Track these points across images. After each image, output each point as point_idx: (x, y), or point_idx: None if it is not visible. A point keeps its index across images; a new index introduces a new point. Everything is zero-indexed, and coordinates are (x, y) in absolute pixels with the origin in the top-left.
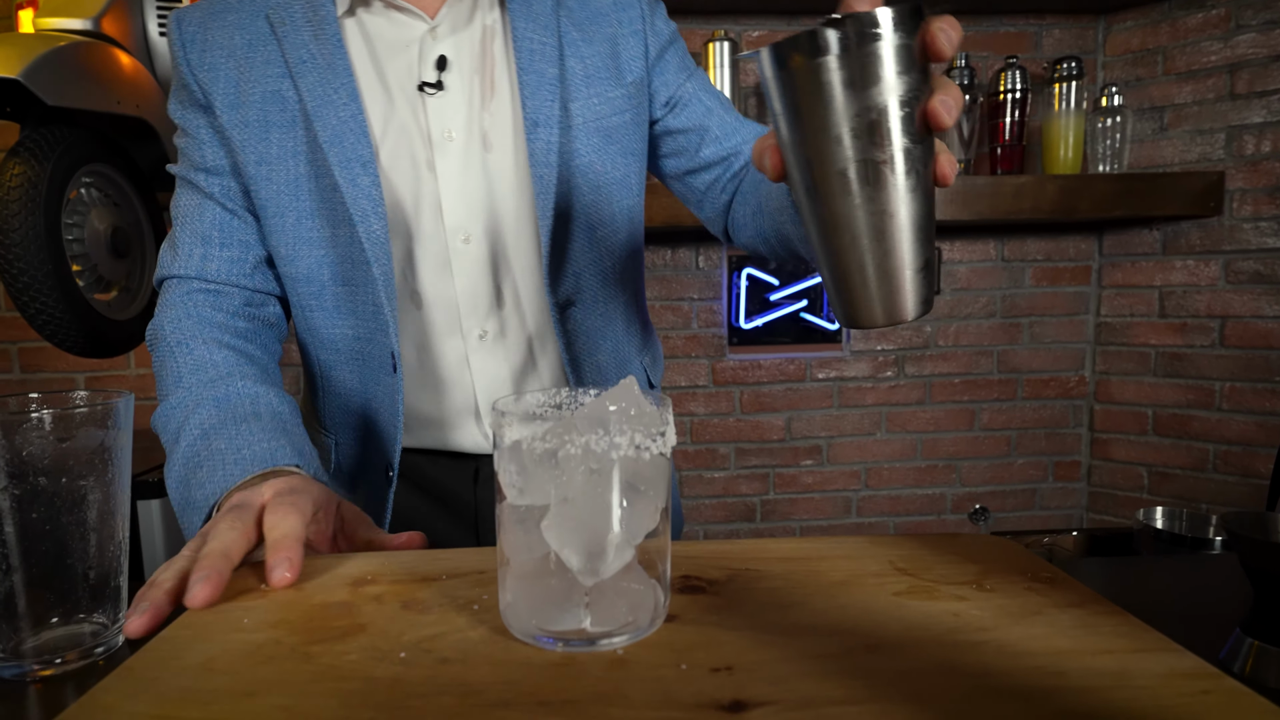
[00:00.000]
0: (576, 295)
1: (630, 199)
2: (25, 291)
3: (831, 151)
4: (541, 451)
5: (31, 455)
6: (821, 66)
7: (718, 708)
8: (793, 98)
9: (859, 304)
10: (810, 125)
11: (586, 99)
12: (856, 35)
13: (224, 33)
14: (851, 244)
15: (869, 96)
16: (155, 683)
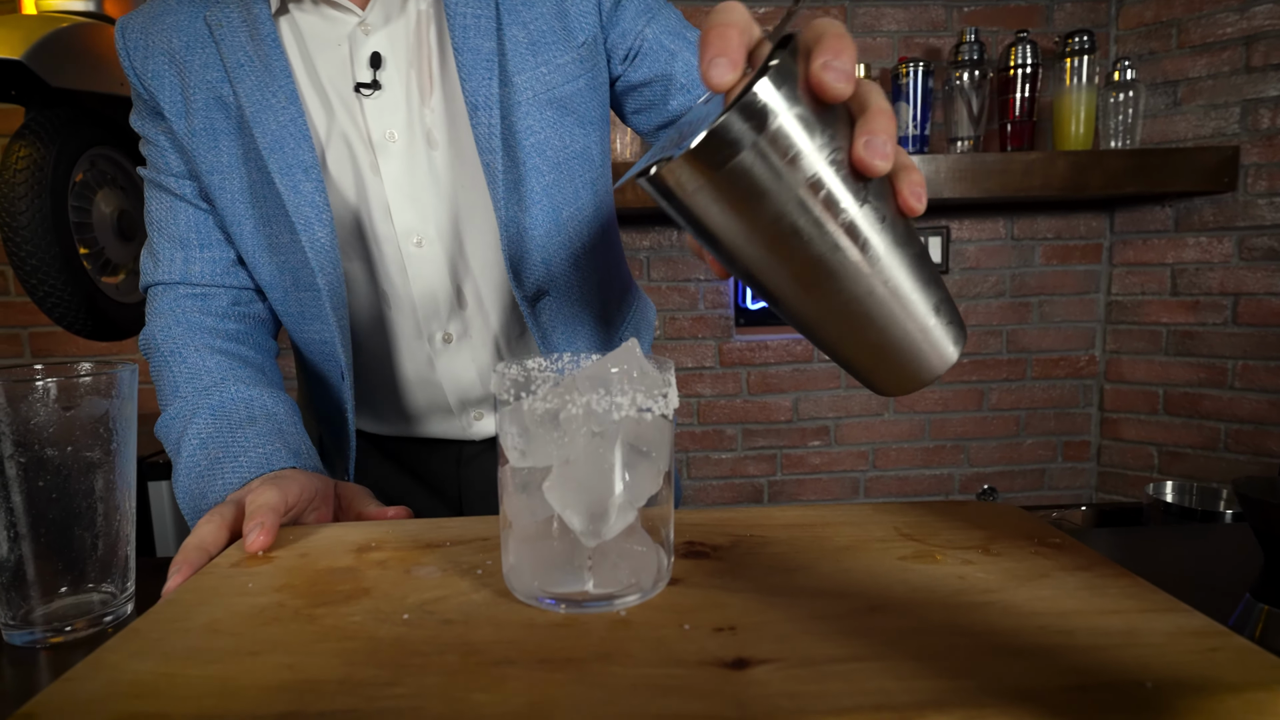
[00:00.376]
0: (548, 284)
1: (593, 171)
2: (34, 275)
3: (775, 257)
4: (543, 413)
5: (37, 424)
6: (718, 181)
7: (720, 665)
8: (698, 219)
9: (883, 380)
10: (733, 240)
11: (534, 69)
12: (745, 127)
13: (164, 36)
14: (846, 335)
15: (787, 187)
16: (161, 643)
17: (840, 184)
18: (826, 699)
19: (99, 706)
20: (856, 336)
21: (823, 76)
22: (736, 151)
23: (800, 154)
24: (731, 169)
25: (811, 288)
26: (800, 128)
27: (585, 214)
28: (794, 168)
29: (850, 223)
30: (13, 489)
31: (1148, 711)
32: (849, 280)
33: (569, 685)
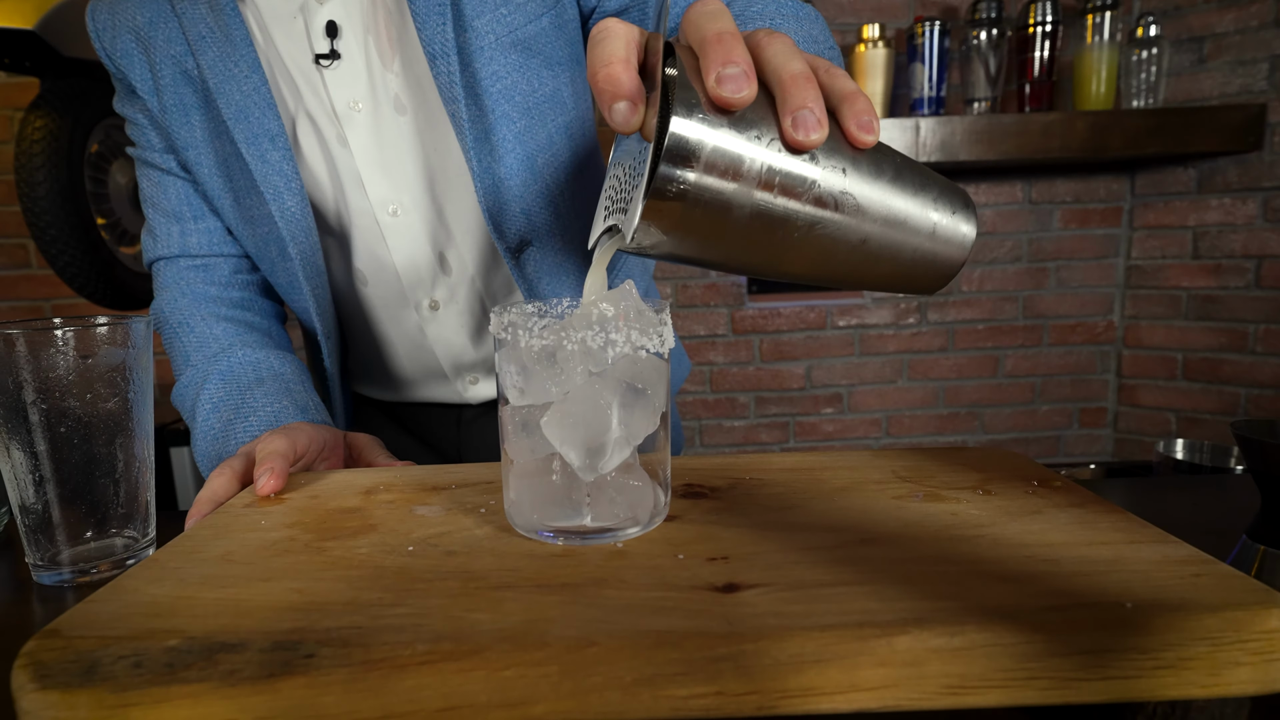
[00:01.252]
0: (530, 234)
1: (566, 115)
2: (54, 245)
3: (761, 252)
4: (539, 349)
5: (57, 374)
6: (679, 224)
7: (711, 589)
8: (679, 255)
9: (913, 290)
10: (720, 255)
11: (493, 11)
12: (676, 173)
13: (129, 14)
14: (859, 276)
15: (743, 197)
16: (178, 571)
17: (790, 165)
18: (812, 617)
19: (118, 623)
20: (869, 272)
21: (720, 94)
22: (681, 196)
23: (740, 162)
24: (685, 211)
25: (809, 259)
26: (727, 141)
27: (562, 159)
28: (741, 178)
29: (817, 194)
30: (37, 436)
31: (1125, 629)
32: (841, 239)
33: (565, 606)
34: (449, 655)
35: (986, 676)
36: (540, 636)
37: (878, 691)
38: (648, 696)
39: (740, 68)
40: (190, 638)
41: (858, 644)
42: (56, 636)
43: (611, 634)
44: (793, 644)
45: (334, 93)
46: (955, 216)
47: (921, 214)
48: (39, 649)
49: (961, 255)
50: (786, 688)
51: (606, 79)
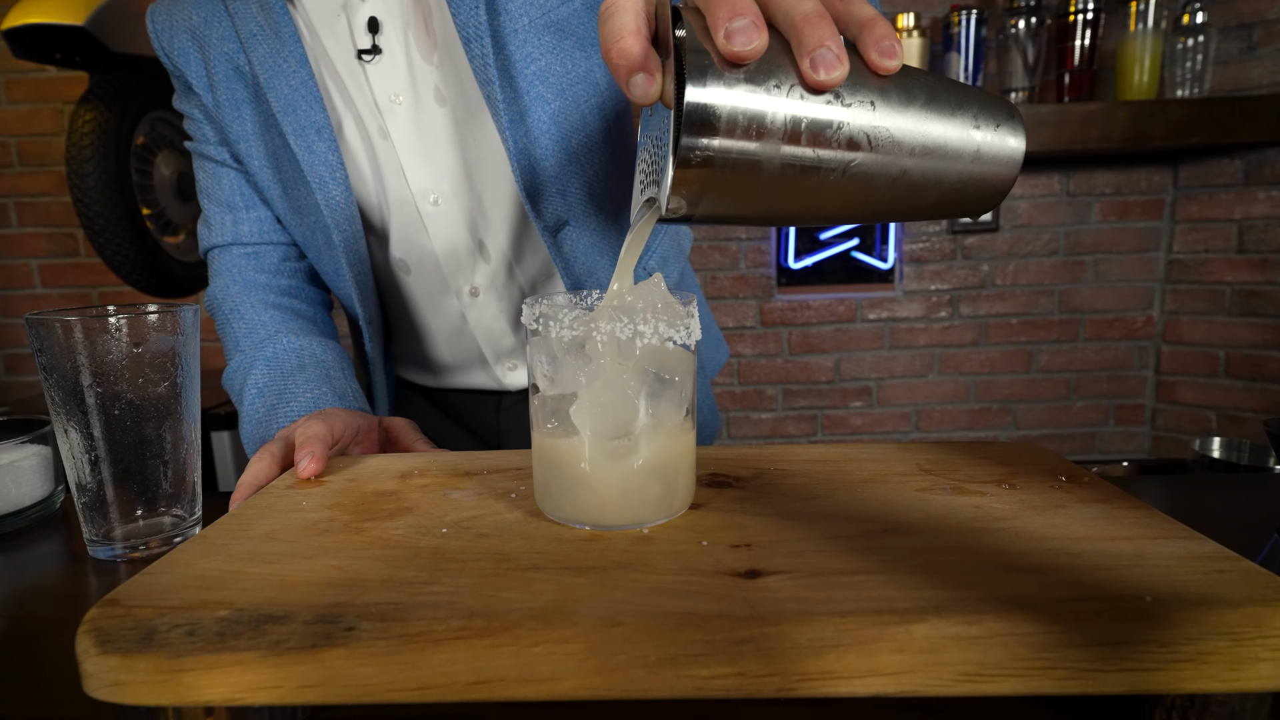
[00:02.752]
0: (567, 214)
1: (600, 95)
2: (101, 234)
3: (800, 202)
4: (569, 340)
5: (111, 359)
6: (712, 186)
7: (734, 574)
8: (719, 215)
9: (965, 212)
10: (758, 211)
11: None
12: (700, 141)
13: (185, 14)
14: (905, 208)
15: (772, 151)
16: (226, 547)
17: (815, 111)
18: (831, 603)
19: (172, 594)
20: (913, 204)
21: (731, 49)
22: (708, 161)
23: (762, 117)
24: (715, 175)
25: (848, 200)
26: (745, 99)
27: (596, 139)
28: (766, 133)
29: (848, 135)
30: (92, 419)
31: (1143, 622)
32: (879, 175)
33: (591, 587)
34: (481, 631)
35: (1003, 665)
36: (568, 616)
37: (895, 677)
38: (671, 676)
39: (748, 18)
40: (239, 609)
41: (876, 630)
42: (116, 605)
43: (637, 615)
44: (812, 628)
45: (376, 86)
46: (1000, 131)
47: (963, 136)
48: (100, 617)
49: (1012, 173)
50: (806, 671)
51: (619, 54)
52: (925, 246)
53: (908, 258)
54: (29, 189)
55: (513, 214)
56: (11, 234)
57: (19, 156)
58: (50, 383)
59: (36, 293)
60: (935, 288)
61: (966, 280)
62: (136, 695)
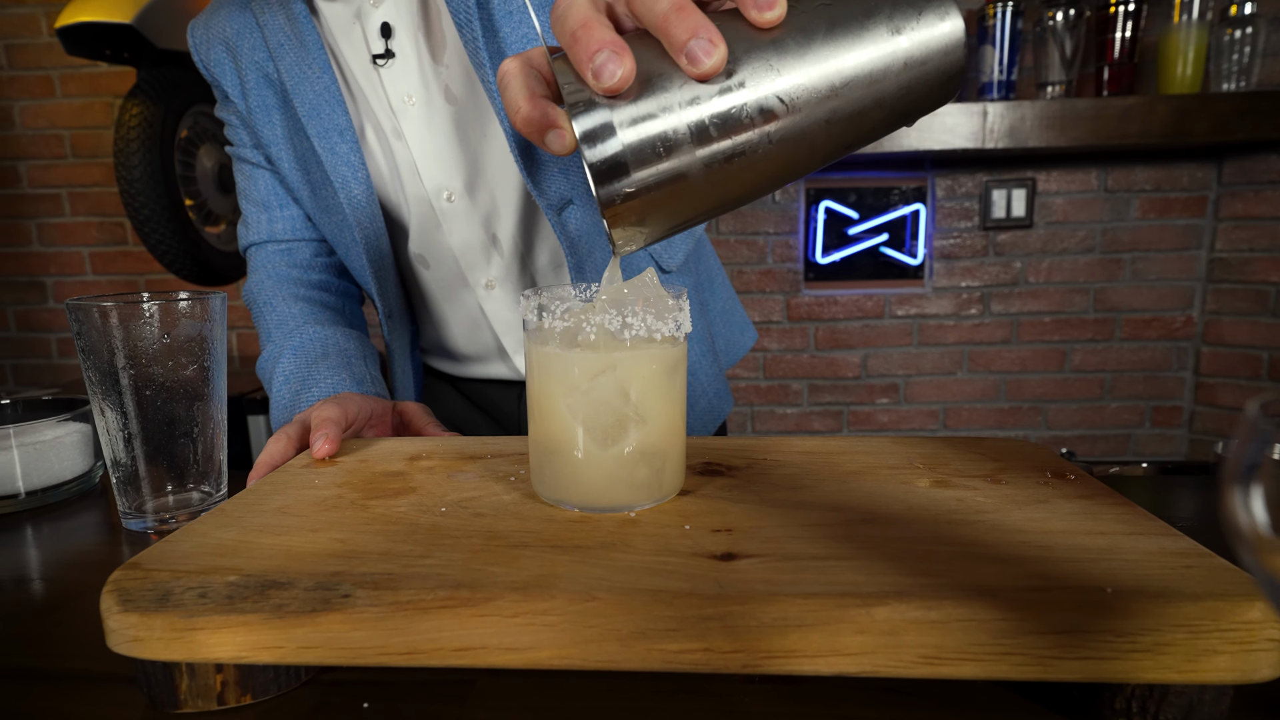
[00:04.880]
0: (570, 192)
1: None
2: (146, 224)
3: (742, 186)
4: (561, 331)
5: (144, 343)
6: (650, 206)
7: (710, 557)
8: (674, 226)
9: (918, 114)
10: (705, 208)
11: None
12: (613, 183)
13: (220, 27)
14: (854, 141)
15: (687, 158)
16: (240, 519)
17: (714, 105)
18: (799, 586)
19: (189, 560)
20: (864, 130)
21: (601, 86)
22: (632, 196)
23: (665, 136)
24: (646, 203)
25: (792, 160)
26: (639, 126)
27: None
28: (676, 148)
29: (757, 110)
30: (126, 399)
31: (1101, 612)
32: (809, 129)
33: (573, 565)
34: (465, 602)
35: (963, 649)
36: (547, 590)
37: (857, 657)
38: (642, 649)
39: (605, 50)
40: (247, 575)
41: (839, 612)
42: (137, 568)
43: (611, 590)
44: (777, 608)
45: (390, 89)
46: (924, 21)
47: (883, 50)
48: (123, 578)
49: (956, 58)
50: (770, 649)
51: (523, 124)
52: (956, 243)
53: (938, 254)
54: (81, 179)
55: (523, 206)
56: (65, 223)
57: (72, 148)
58: (88, 364)
59: (87, 279)
60: (966, 284)
61: (998, 277)
62: (153, 650)
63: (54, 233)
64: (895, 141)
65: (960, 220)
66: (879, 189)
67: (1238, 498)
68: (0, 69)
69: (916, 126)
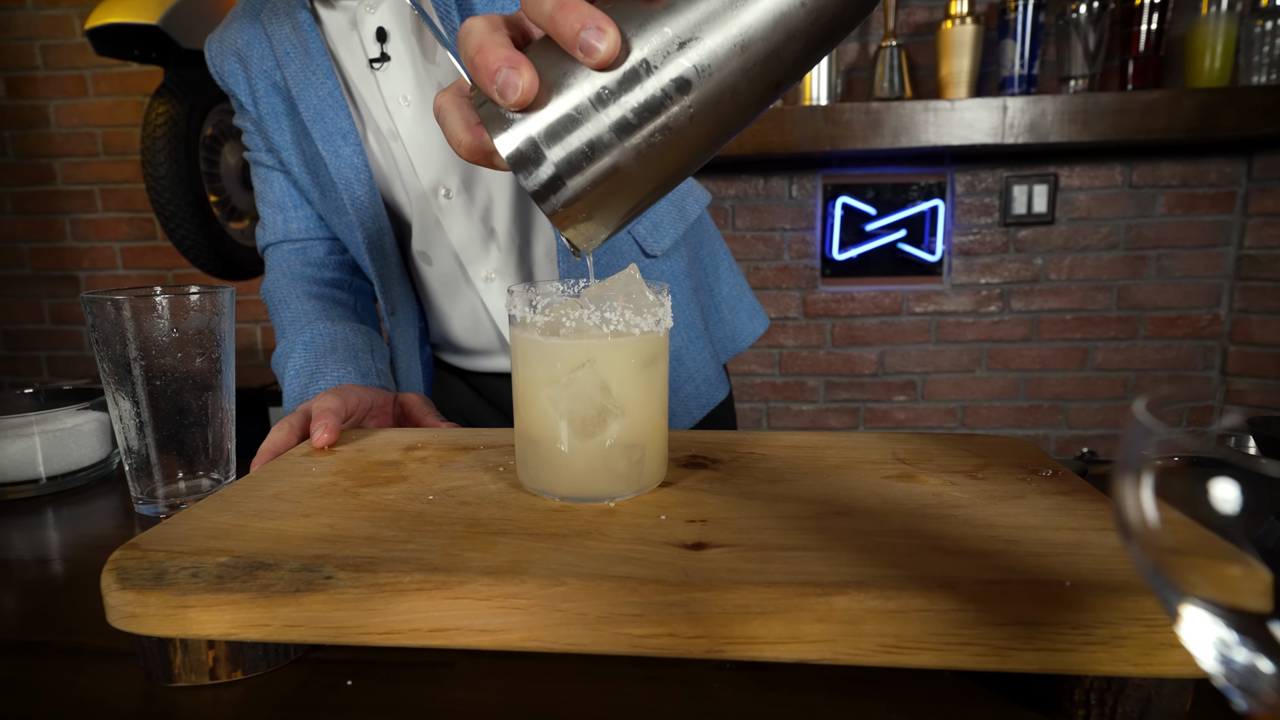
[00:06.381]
0: None
1: None
2: (172, 220)
3: (680, 160)
4: (543, 325)
5: (155, 335)
6: (594, 199)
7: (681, 546)
8: (627, 210)
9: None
10: (656, 185)
11: None
12: (537, 175)
13: (232, 38)
14: (780, 89)
15: (614, 140)
16: (237, 505)
17: (629, 94)
18: (762, 575)
19: (184, 541)
20: (787, 65)
21: (508, 103)
22: (572, 200)
23: (587, 137)
24: (590, 202)
25: (725, 118)
26: (560, 133)
27: None
28: (603, 145)
29: (671, 87)
30: (138, 389)
31: (1058, 605)
32: (731, 87)
33: (548, 552)
34: (440, 585)
35: (921, 639)
36: (519, 575)
37: (817, 645)
38: (609, 633)
39: (503, 69)
40: (237, 556)
41: (799, 600)
42: (136, 549)
43: (579, 576)
44: (739, 596)
45: (386, 91)
46: None
47: None
48: (122, 558)
49: None
50: (732, 635)
51: (468, 153)
52: (975, 239)
53: (957, 250)
54: (112, 176)
55: (517, 198)
56: (97, 218)
57: (104, 146)
58: (103, 356)
59: (118, 273)
60: (985, 281)
61: (1019, 274)
62: (149, 626)
63: (86, 228)
64: (913, 137)
65: (980, 216)
66: (897, 185)
67: (1127, 492)
68: (36, 69)
69: (935, 122)
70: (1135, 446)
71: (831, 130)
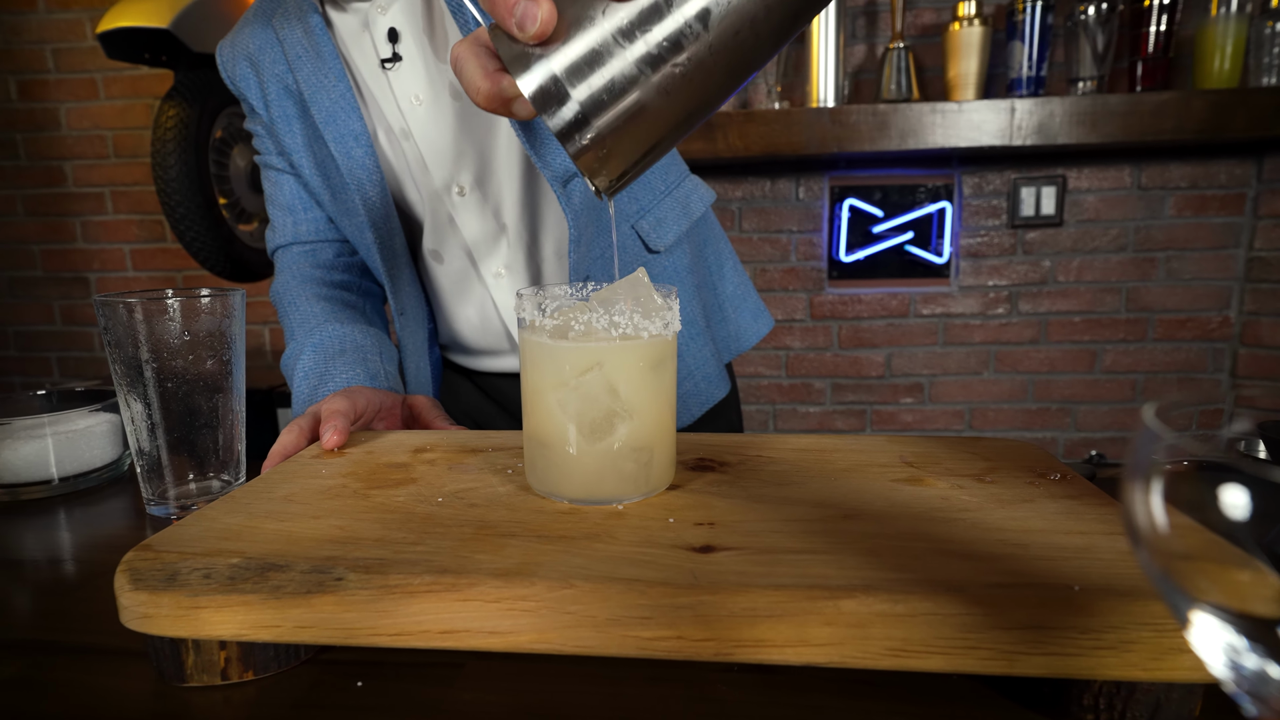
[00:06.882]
0: (573, 166)
1: None
2: (182, 222)
3: (704, 95)
4: (551, 328)
5: (167, 337)
6: (613, 133)
7: (689, 548)
8: (654, 145)
9: None
10: (663, 132)
11: None
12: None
13: (243, 43)
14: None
15: (644, 74)
16: (248, 506)
17: (651, 25)
18: (770, 578)
19: (196, 543)
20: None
21: (528, 35)
22: (598, 141)
23: (613, 73)
24: (616, 138)
25: (745, 56)
26: (580, 65)
27: None
28: (625, 80)
29: (691, 14)
30: (150, 391)
31: (1066, 609)
32: (748, 15)
33: (556, 554)
34: (450, 587)
35: (928, 643)
36: (528, 577)
37: (825, 648)
38: (617, 635)
39: (520, 1)
40: (249, 558)
41: (808, 603)
42: (149, 550)
43: (588, 579)
44: (747, 599)
45: (398, 91)
46: None
47: None
48: (135, 559)
49: None
50: (740, 638)
51: (486, 101)
52: (983, 241)
53: (964, 252)
54: (123, 179)
55: (528, 194)
56: (107, 220)
57: (114, 148)
58: (115, 358)
59: (128, 275)
60: (993, 283)
61: (1027, 276)
62: (161, 627)
63: (97, 230)
64: (921, 139)
65: (988, 218)
66: (904, 187)
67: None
68: (47, 72)
69: (943, 124)
70: (1144, 452)
71: (838, 132)
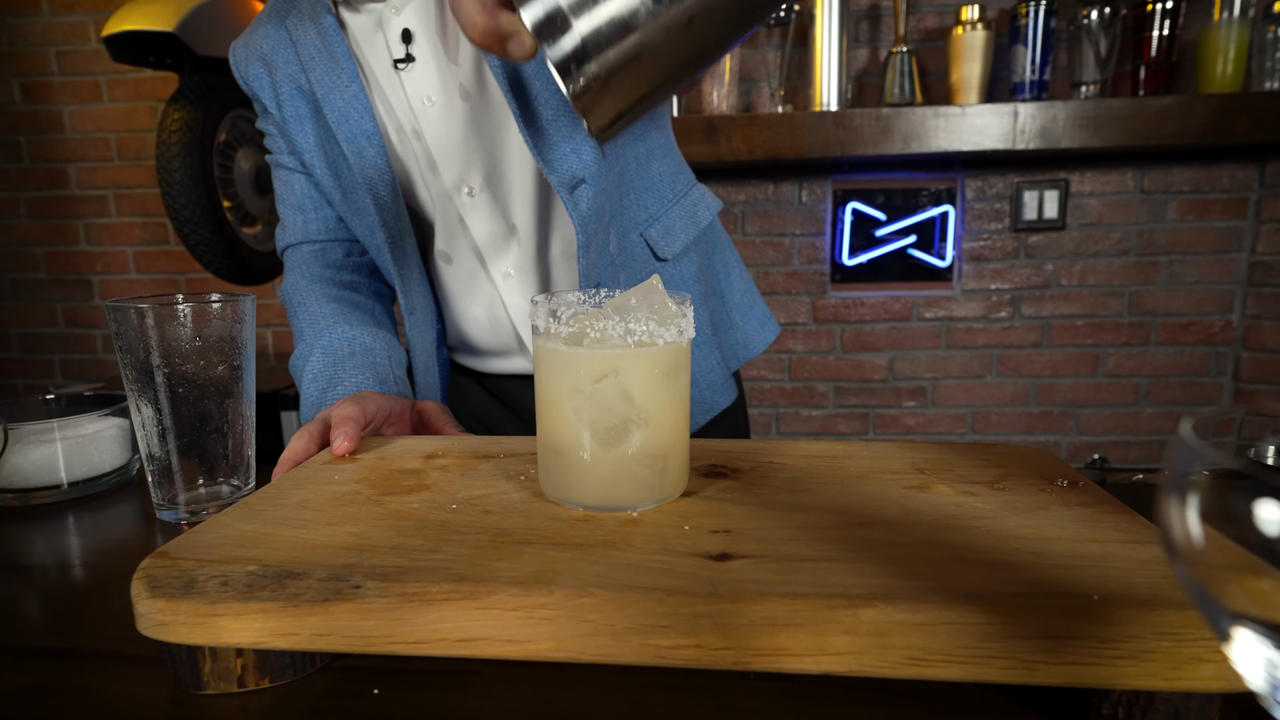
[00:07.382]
0: (581, 170)
1: None
2: (186, 225)
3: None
4: (567, 335)
5: (178, 343)
6: (619, 79)
7: (706, 556)
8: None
9: None
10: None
11: None
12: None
13: (257, 44)
14: None
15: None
16: (263, 512)
17: None
18: (789, 586)
19: (212, 550)
20: None
21: None
22: (596, 77)
23: (618, 10)
24: (611, 77)
25: None
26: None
27: None
28: (629, 18)
29: None
30: (161, 396)
31: (1086, 619)
32: None
33: (573, 561)
34: (468, 595)
35: (948, 652)
36: (546, 585)
37: (844, 657)
38: (636, 644)
39: None
40: (266, 565)
41: (827, 612)
42: (165, 557)
43: (607, 587)
44: (766, 607)
45: (410, 91)
46: None
47: None
48: (151, 566)
49: None
50: (760, 646)
51: (482, 35)
52: (986, 244)
53: (967, 256)
54: (126, 181)
55: (538, 194)
56: (110, 223)
57: (118, 151)
58: (126, 362)
59: (131, 278)
60: (996, 287)
61: (1029, 280)
62: (178, 634)
63: (100, 232)
64: (924, 142)
65: (990, 222)
66: (907, 190)
67: (1173, 513)
68: (51, 75)
69: (946, 127)
70: (1181, 467)
71: (842, 136)
